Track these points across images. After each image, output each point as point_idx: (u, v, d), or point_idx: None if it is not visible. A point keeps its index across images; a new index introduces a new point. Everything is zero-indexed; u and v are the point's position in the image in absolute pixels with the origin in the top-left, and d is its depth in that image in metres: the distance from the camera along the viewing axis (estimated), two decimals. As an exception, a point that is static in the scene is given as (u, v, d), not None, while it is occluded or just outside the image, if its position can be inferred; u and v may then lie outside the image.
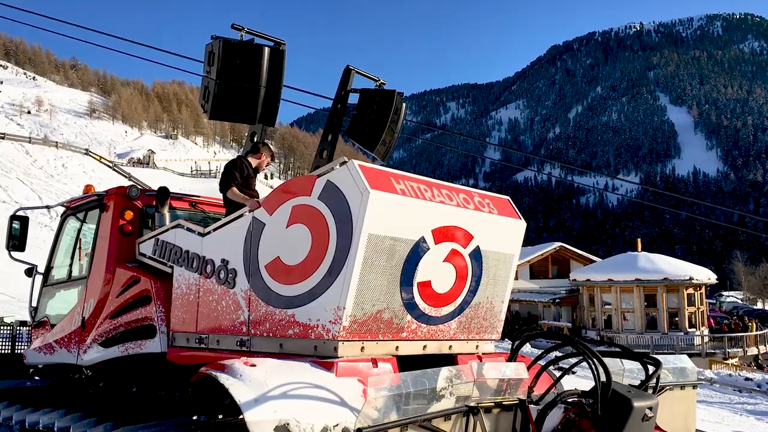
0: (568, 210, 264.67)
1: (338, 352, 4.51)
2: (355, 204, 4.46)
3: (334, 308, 4.51)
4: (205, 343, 5.38)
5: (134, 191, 6.72)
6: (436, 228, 4.92)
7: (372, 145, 6.93)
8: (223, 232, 5.42)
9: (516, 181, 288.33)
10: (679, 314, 34.23)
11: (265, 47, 5.33)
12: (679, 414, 5.16)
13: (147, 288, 6.01)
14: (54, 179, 70.10)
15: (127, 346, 6.09)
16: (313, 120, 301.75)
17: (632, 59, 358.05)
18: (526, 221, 5.76)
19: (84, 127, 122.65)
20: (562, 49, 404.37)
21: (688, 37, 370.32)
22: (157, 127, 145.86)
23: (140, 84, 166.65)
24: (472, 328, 5.51)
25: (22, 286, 9.02)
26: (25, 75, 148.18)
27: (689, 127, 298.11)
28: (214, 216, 7.00)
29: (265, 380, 4.06)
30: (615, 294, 35.09)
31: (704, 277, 35.01)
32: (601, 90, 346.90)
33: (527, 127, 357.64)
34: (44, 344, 7.29)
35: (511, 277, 5.73)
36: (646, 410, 4.10)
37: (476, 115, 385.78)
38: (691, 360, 5.69)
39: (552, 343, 4.83)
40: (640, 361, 4.61)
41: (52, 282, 7.69)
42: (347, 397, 4.21)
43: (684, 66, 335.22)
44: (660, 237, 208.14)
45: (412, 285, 4.87)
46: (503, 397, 4.00)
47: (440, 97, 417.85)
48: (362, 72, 7.03)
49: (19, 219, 7.93)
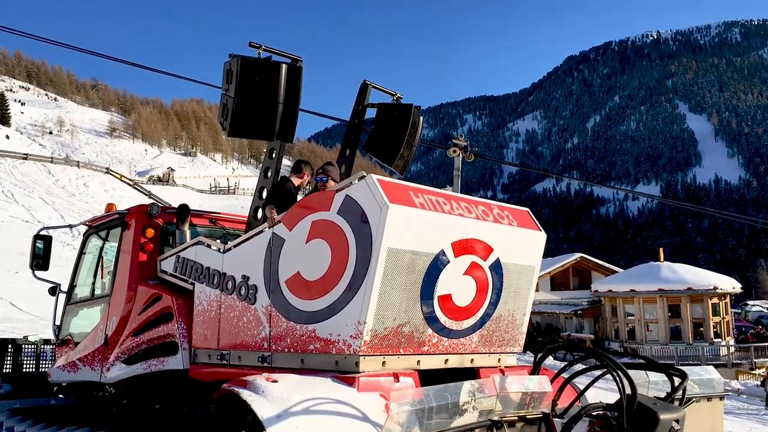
0: (588, 220, 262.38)
1: (359, 367, 4.50)
2: (374, 218, 4.46)
3: (355, 323, 4.50)
4: (227, 360, 5.40)
5: (155, 209, 6.78)
6: (456, 241, 4.91)
7: (390, 159, 6.94)
8: (244, 248, 5.44)
9: (535, 192, 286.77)
10: (704, 324, 33.73)
11: (283, 64, 5.36)
12: (706, 426, 5.08)
13: (169, 305, 6.05)
14: (76, 198, 70.97)
15: (149, 363, 6.12)
16: (330, 135, 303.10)
17: (650, 68, 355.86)
18: (545, 232, 5.72)
19: (105, 147, 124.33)
20: (579, 59, 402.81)
21: (706, 44, 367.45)
22: (177, 145, 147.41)
23: (159, 102, 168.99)
24: (493, 341, 5.48)
25: (46, 305, 9.11)
26: (46, 96, 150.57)
27: (710, 135, 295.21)
28: (233, 232, 7.04)
29: (287, 396, 4.06)
30: (638, 305, 34.67)
31: (729, 286, 34.50)
32: (619, 99, 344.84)
33: (545, 138, 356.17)
34: (68, 362, 7.35)
35: (533, 289, 5.69)
36: (673, 423, 4.04)
37: (493, 126, 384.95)
38: (717, 371, 5.60)
39: (575, 356, 4.77)
40: (666, 372, 4.55)
41: (75, 300, 7.75)
42: (369, 412, 4.19)
43: (703, 73, 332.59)
44: (682, 246, 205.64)
45: (432, 298, 4.86)
46: (527, 410, 3.96)
47: (456, 110, 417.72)
48: (379, 87, 7.06)
49: (42, 238, 8.02)
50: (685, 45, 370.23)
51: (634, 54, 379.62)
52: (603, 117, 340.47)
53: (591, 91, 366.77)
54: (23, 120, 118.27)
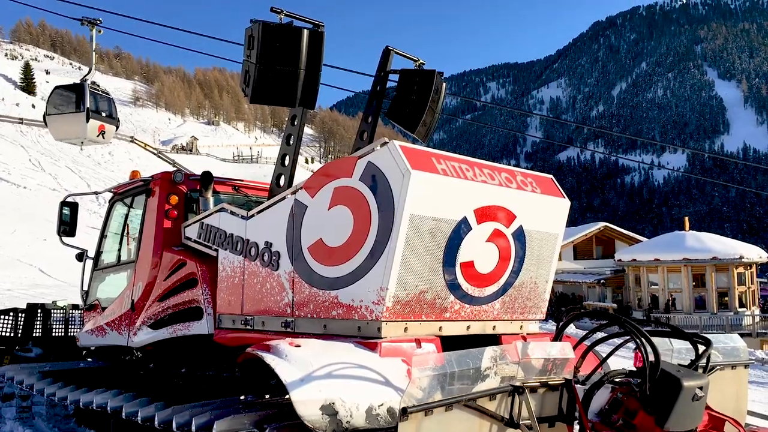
0: (613, 189, 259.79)
1: (382, 333, 4.53)
2: (396, 184, 4.44)
3: (377, 289, 4.52)
4: (251, 325, 5.46)
5: (179, 176, 6.82)
6: (479, 208, 4.88)
7: (412, 126, 6.88)
8: (266, 215, 5.46)
9: (558, 160, 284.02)
10: (729, 294, 33.40)
11: (304, 30, 5.31)
12: (730, 394, 5.04)
13: (193, 271, 6.11)
14: (101, 167, 71.73)
15: (175, 327, 6.21)
16: (353, 103, 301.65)
17: (678, 33, 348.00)
18: (569, 201, 5.67)
19: (129, 116, 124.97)
20: (605, 24, 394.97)
21: (736, 8, 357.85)
22: (200, 114, 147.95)
23: (182, 71, 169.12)
24: (515, 309, 5.47)
25: (74, 271, 9.27)
26: (71, 65, 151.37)
27: (738, 102, 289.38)
28: (256, 200, 7.07)
29: (311, 360, 4.11)
30: (662, 274, 34.38)
31: (755, 255, 34.03)
32: (646, 66, 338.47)
33: (569, 106, 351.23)
34: (96, 327, 7.49)
35: (555, 257, 5.66)
36: (697, 390, 4.02)
37: (517, 94, 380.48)
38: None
39: (597, 323, 4.75)
40: (690, 340, 4.51)
41: (101, 266, 7.87)
42: (391, 377, 4.23)
43: (733, 39, 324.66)
44: (708, 215, 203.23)
45: (454, 265, 4.85)
46: (548, 377, 3.96)
47: (480, 77, 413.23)
48: (401, 52, 6.97)
49: (68, 205, 8.12)
50: (714, 9, 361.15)
51: (662, 19, 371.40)
52: (629, 84, 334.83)
53: (617, 58, 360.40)
54: (48, 89, 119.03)
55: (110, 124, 7.98)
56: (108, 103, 8.07)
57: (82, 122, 7.56)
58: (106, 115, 7.94)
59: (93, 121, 7.62)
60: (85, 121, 7.59)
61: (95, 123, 7.66)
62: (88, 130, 7.55)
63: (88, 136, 7.46)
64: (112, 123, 8.04)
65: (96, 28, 8.31)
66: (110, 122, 7.99)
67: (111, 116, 8.03)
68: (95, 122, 7.65)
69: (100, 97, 7.88)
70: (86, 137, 7.40)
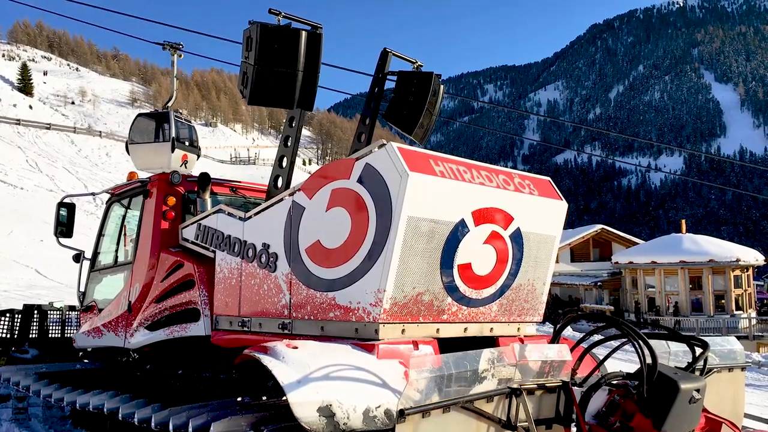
0: (610, 192, 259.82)
1: (379, 335, 4.53)
2: (394, 186, 4.44)
3: (375, 291, 4.52)
4: (248, 327, 5.45)
5: (176, 177, 6.81)
6: (476, 210, 4.88)
7: (410, 128, 6.88)
8: (264, 216, 5.46)
9: (556, 163, 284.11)
10: (726, 296, 33.45)
11: (302, 31, 5.31)
12: (727, 397, 5.05)
13: (190, 272, 6.11)
14: (98, 168, 71.66)
15: (172, 329, 6.20)
16: (350, 105, 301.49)
17: (675, 36, 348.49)
18: (566, 203, 5.68)
19: (126, 117, 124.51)
20: (603, 27, 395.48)
21: (733, 12, 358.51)
22: (197, 115, 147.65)
23: (180, 73, 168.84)
24: (513, 311, 5.47)
25: (71, 272, 9.26)
26: (68, 66, 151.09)
27: (735, 105, 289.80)
28: (254, 201, 7.07)
29: (308, 362, 4.10)
30: (659, 276, 34.41)
31: (751, 258, 34.09)
32: (643, 69, 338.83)
33: (567, 108, 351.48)
34: (92, 328, 7.47)
35: (553, 259, 5.67)
36: (694, 392, 4.02)
37: (514, 97, 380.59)
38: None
39: (595, 325, 4.76)
40: (687, 342, 4.52)
41: (99, 267, 7.86)
42: (389, 379, 4.22)
43: (729, 42, 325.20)
44: (705, 218, 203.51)
45: (452, 267, 4.85)
46: (546, 379, 3.97)
47: (477, 80, 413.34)
48: (399, 54, 6.98)
49: (65, 206, 8.11)
50: (711, 13, 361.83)
51: (659, 22, 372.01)
52: (626, 87, 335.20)
53: (614, 61, 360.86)
54: (46, 90, 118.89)
55: (192, 153, 7.80)
56: (189, 131, 7.82)
57: (167, 152, 7.35)
58: (189, 144, 7.75)
59: (177, 151, 7.44)
60: (171, 151, 7.38)
61: (179, 153, 7.45)
62: (172, 161, 7.39)
63: (172, 167, 7.27)
64: (194, 152, 7.82)
65: (177, 52, 8.17)
66: (193, 151, 7.80)
67: (193, 145, 7.84)
68: (179, 152, 7.46)
69: (182, 125, 7.68)
70: (170, 168, 7.21)
